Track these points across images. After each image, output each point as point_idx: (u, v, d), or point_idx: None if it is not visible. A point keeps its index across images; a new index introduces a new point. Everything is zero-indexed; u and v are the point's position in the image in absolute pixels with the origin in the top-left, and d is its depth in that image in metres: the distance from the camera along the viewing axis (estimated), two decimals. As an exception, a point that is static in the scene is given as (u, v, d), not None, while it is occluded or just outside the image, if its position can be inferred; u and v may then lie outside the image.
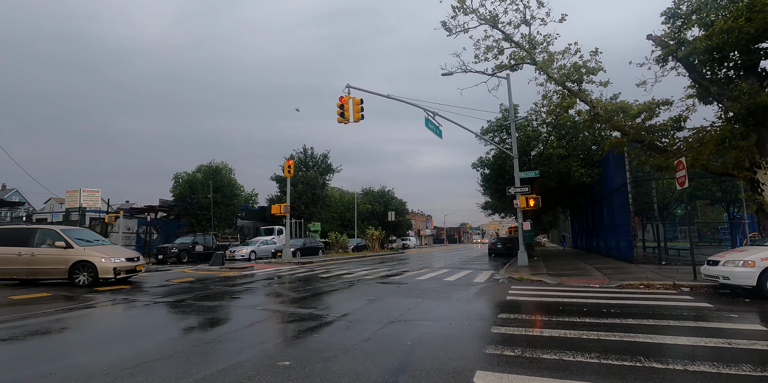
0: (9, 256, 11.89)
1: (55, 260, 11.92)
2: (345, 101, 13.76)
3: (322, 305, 8.51)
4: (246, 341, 5.60)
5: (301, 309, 8.10)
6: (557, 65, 14.74)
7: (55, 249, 11.94)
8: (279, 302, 8.97)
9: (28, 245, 11.99)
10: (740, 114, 10.34)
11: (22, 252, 11.87)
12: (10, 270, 11.91)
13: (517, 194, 17.27)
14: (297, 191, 43.87)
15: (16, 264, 11.86)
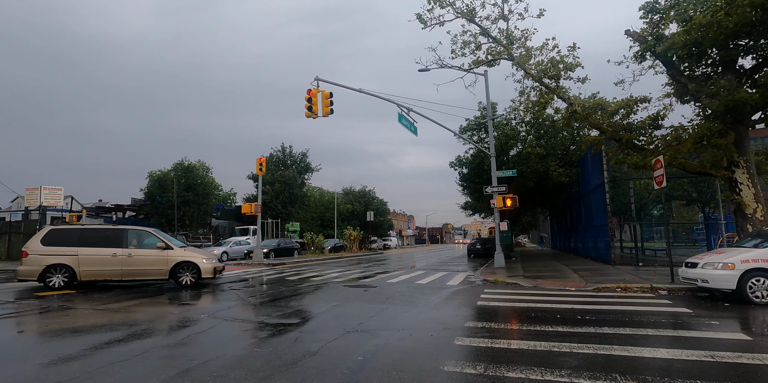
0: (103, 257, 11.36)
1: (155, 260, 11.65)
2: (313, 95, 13.03)
3: (278, 312, 7.81)
4: (173, 358, 4.87)
5: (253, 317, 7.39)
6: (535, 61, 14.33)
7: (154, 250, 11.72)
8: (232, 309, 8.23)
9: (121, 246, 11.58)
10: (718, 111, 10.03)
11: (117, 253, 11.45)
12: (105, 272, 11.39)
13: (494, 193, 16.81)
14: (274, 190, 42.84)
15: (112, 265, 11.38)
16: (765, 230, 9.41)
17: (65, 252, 11.17)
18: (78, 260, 11.16)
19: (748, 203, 10.33)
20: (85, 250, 11.27)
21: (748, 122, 10.79)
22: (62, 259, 11.08)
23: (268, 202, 42.61)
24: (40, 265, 10.95)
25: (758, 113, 10.86)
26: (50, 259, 11.03)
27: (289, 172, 45.73)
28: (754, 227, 10.15)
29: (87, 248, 11.33)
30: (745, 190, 10.44)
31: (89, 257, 11.25)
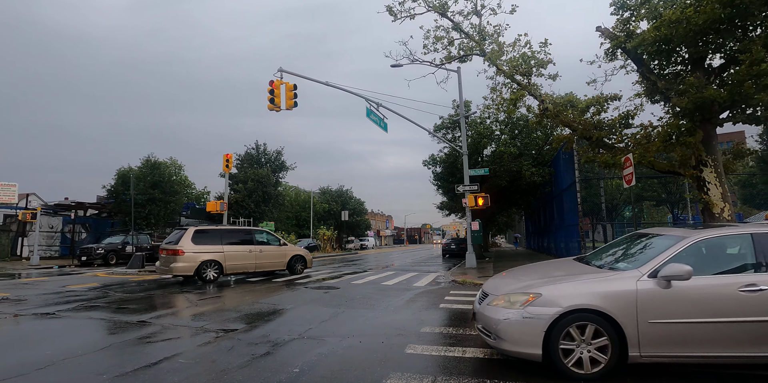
0: (242, 253, 13.21)
1: (278, 255, 14.10)
2: (276, 87, 12.36)
3: (221, 317, 7.18)
4: (65, 377, 4.23)
5: (191, 322, 6.74)
6: (507, 58, 14.03)
7: (275, 246, 14.12)
8: (172, 313, 7.55)
9: (252, 244, 13.56)
10: (687, 108, 9.84)
11: (251, 250, 13.39)
12: (244, 265, 13.22)
13: (466, 192, 16.48)
14: (247, 188, 41.73)
15: (249, 260, 13.32)
16: (732, 230, 9.28)
17: (214, 250, 12.71)
18: (224, 256, 12.79)
19: (715, 203, 10.19)
20: (228, 247, 12.95)
21: (716, 121, 10.67)
22: (213, 255, 12.61)
23: (241, 201, 41.46)
24: (196, 261, 12.26)
25: (726, 111, 10.77)
26: (203, 256, 12.45)
27: (262, 170, 44.64)
28: (722, 227, 10.03)
29: (229, 246, 13.01)
30: (712, 189, 10.30)
31: (232, 253, 12.95)
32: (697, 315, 3.86)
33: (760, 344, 3.80)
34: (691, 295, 3.91)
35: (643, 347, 3.88)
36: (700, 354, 3.87)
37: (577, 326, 3.97)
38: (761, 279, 3.90)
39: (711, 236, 4.31)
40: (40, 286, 11.83)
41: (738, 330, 3.81)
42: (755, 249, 4.09)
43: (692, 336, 3.86)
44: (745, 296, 3.84)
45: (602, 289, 4.05)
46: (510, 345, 4.11)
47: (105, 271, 16.96)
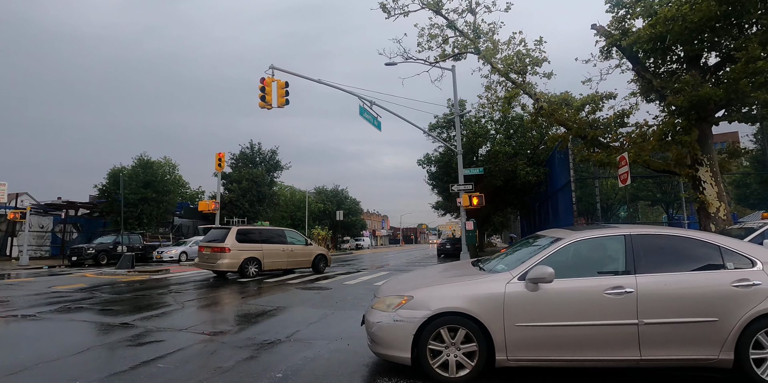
0: (278, 251, 14.25)
1: (306, 253, 15.11)
2: (267, 84, 12.15)
3: (207, 319, 6.99)
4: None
5: (176, 324, 6.55)
6: (501, 56, 13.90)
7: (303, 245, 15.17)
8: (157, 315, 7.35)
9: (285, 243, 14.62)
10: (683, 107, 9.74)
11: (284, 249, 14.45)
12: (279, 263, 14.26)
13: (461, 191, 16.34)
14: (241, 188, 41.47)
15: (283, 257, 14.40)
16: (728, 230, 9.17)
17: (255, 248, 13.68)
18: (263, 254, 13.80)
19: (711, 202, 10.10)
20: (266, 246, 13.96)
21: (711, 120, 10.58)
22: (253, 253, 13.57)
23: (235, 200, 41.18)
24: (239, 258, 13.17)
25: (722, 110, 10.69)
26: (245, 253, 13.37)
27: (257, 170, 44.40)
28: (717, 227, 9.92)
29: (266, 244, 14.03)
30: (708, 188, 10.21)
31: (269, 251, 13.97)
32: (564, 318, 3.77)
33: (625, 347, 3.71)
34: (558, 298, 3.82)
35: (510, 351, 3.80)
36: (567, 358, 3.78)
37: (448, 329, 3.89)
38: (628, 282, 3.80)
39: (586, 238, 4.24)
40: (26, 287, 11.58)
41: (603, 333, 3.72)
42: (626, 251, 3.99)
43: (559, 340, 3.77)
44: (610, 298, 3.75)
45: (472, 292, 3.97)
46: (382, 348, 4.05)
47: (94, 271, 16.69)
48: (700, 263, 3.90)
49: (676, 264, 3.92)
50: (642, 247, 3.99)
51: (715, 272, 3.80)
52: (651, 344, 3.68)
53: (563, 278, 3.90)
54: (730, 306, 3.62)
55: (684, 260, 3.94)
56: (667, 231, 4.27)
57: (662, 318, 3.68)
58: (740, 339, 3.59)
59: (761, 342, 3.61)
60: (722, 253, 3.89)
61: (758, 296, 3.62)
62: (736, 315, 3.59)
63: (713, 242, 3.99)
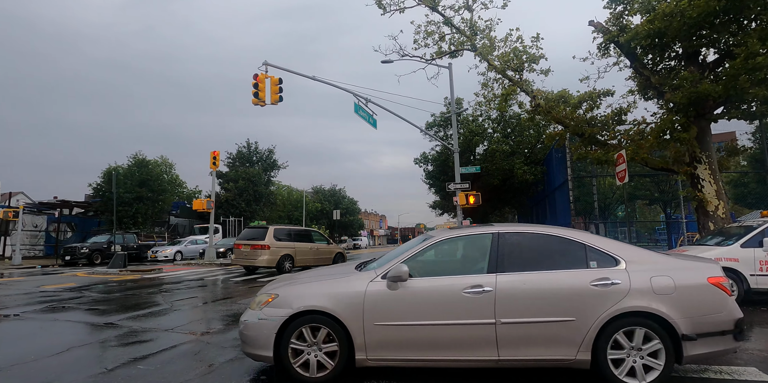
0: (307, 249, 15.29)
1: (328, 251, 16.11)
2: (261, 80, 11.95)
3: (197, 318, 6.82)
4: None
5: (162, 324, 6.37)
6: (498, 53, 13.76)
7: (326, 245, 16.28)
8: (143, 315, 7.17)
9: (312, 241, 15.77)
10: (681, 103, 9.61)
11: (311, 247, 15.51)
12: (307, 259, 15.12)
13: (457, 190, 16.20)
14: (237, 187, 41.25)
15: (310, 255, 15.35)
16: (727, 228, 9.05)
17: (289, 246, 14.67)
18: (296, 251, 14.78)
19: (709, 200, 9.98)
20: (298, 244, 14.98)
21: (710, 117, 10.46)
22: (288, 250, 14.56)
23: (231, 200, 40.97)
24: (277, 255, 14.12)
25: (720, 107, 10.57)
26: (282, 251, 14.35)
27: (253, 169, 44.19)
28: (716, 225, 9.80)
29: (298, 242, 15.05)
30: (707, 186, 10.09)
31: (301, 249, 14.99)
32: (422, 318, 3.67)
33: (483, 347, 3.60)
34: (417, 297, 3.74)
35: (370, 350, 3.71)
36: (426, 358, 3.68)
37: (311, 328, 3.81)
38: (488, 281, 3.69)
39: (453, 236, 4.18)
40: (14, 286, 11.39)
41: (462, 332, 3.62)
42: (491, 250, 3.89)
43: (418, 339, 3.68)
44: (469, 297, 3.64)
45: (335, 290, 3.92)
46: (248, 346, 3.96)
47: (86, 271, 16.48)
48: (565, 262, 3.81)
49: (540, 263, 3.84)
50: (508, 246, 3.90)
51: (575, 271, 3.70)
52: (508, 344, 3.58)
53: (428, 276, 3.85)
54: (587, 306, 3.52)
55: (549, 259, 3.87)
56: (536, 230, 4.14)
57: (519, 317, 3.58)
58: (598, 339, 3.49)
59: (620, 342, 3.50)
60: (587, 252, 3.79)
61: (616, 295, 3.52)
62: (593, 315, 3.49)
63: (579, 241, 3.88)
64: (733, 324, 3.53)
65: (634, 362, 3.47)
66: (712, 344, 3.50)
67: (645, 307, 3.48)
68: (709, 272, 3.65)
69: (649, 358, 3.48)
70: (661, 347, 3.45)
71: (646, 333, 3.48)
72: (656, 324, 3.47)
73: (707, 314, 3.51)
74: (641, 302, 3.49)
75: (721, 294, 3.57)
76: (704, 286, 3.57)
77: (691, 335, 3.43)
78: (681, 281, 3.56)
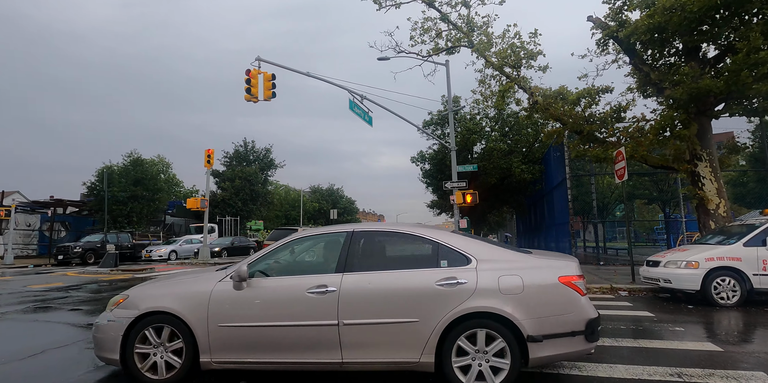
0: None
1: None
2: (253, 76, 11.71)
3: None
4: None
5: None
6: (496, 50, 13.55)
7: None
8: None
9: None
10: (682, 99, 9.41)
11: None
12: None
13: (454, 189, 15.98)
14: (234, 186, 40.99)
15: None
16: (728, 227, 8.86)
17: None
18: None
19: (710, 198, 9.79)
20: None
21: (711, 113, 10.28)
22: None
23: (228, 199, 40.70)
24: None
25: (721, 104, 10.38)
26: None
27: (250, 168, 43.89)
28: (717, 224, 9.62)
29: None
30: (708, 184, 9.90)
31: None
32: (266, 319, 3.54)
33: (327, 349, 3.44)
34: (262, 297, 3.61)
35: (214, 352, 3.59)
36: (271, 360, 3.54)
37: (156, 329, 3.69)
38: (333, 280, 3.53)
39: (308, 235, 4.09)
40: (0, 286, 11.13)
41: (305, 334, 3.48)
42: (343, 248, 3.75)
43: (261, 341, 3.55)
44: (312, 298, 3.51)
45: (182, 291, 3.82)
46: (98, 350, 3.84)
47: (77, 270, 16.23)
48: (416, 261, 3.70)
49: (391, 262, 3.74)
50: (361, 244, 3.76)
51: (422, 270, 3.54)
52: (352, 346, 3.43)
53: (281, 276, 3.77)
54: (432, 307, 3.37)
55: (401, 258, 3.76)
56: (392, 228, 3.98)
57: (362, 318, 3.42)
58: (442, 341, 3.33)
59: (465, 344, 3.33)
60: (440, 250, 3.64)
61: (461, 295, 3.36)
62: (437, 316, 3.34)
63: (433, 239, 3.72)
64: (584, 324, 3.35)
65: (480, 365, 3.30)
66: (560, 345, 3.32)
67: (489, 307, 3.31)
68: (562, 271, 3.48)
69: (495, 359, 3.30)
70: (507, 349, 3.28)
71: (490, 334, 3.31)
72: (501, 325, 3.30)
73: (556, 314, 3.33)
74: (486, 302, 3.32)
75: (571, 294, 3.40)
76: (554, 285, 3.40)
77: (536, 336, 3.25)
78: (530, 281, 3.39)
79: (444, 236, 3.75)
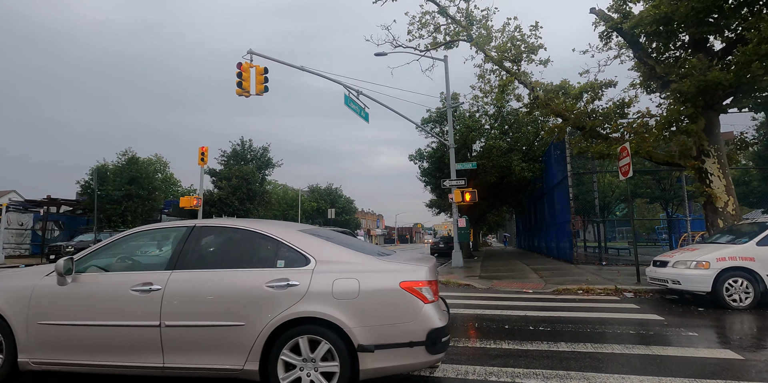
0: None
1: None
2: (245, 69, 11.30)
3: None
4: None
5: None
6: (495, 43, 13.18)
7: None
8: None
9: None
10: (689, 93, 9.02)
11: None
12: None
13: (453, 187, 15.60)
14: (231, 185, 40.61)
15: None
16: (738, 226, 8.49)
17: None
18: None
19: (719, 196, 9.41)
20: None
21: (719, 108, 9.90)
22: None
23: (224, 198, 40.32)
24: None
25: (730, 98, 10.00)
26: None
27: (247, 167, 43.49)
28: (726, 222, 9.25)
29: None
30: (715, 181, 9.52)
31: None
32: (89, 317, 3.31)
33: (148, 352, 3.20)
34: (85, 294, 3.39)
35: (33, 352, 3.36)
36: (90, 362, 3.29)
37: None
38: (160, 278, 3.30)
39: (147, 229, 3.84)
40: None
41: (126, 335, 3.25)
42: (179, 243, 3.52)
43: (82, 341, 3.31)
44: (135, 296, 3.29)
45: (6, 284, 3.62)
46: None
47: (66, 270, 15.80)
48: (254, 260, 3.44)
49: (227, 260, 3.51)
50: (199, 241, 3.55)
51: (254, 270, 3.29)
52: (174, 350, 3.18)
53: (117, 271, 3.54)
54: (259, 310, 3.11)
55: (238, 256, 3.50)
56: (234, 224, 3.71)
57: (186, 320, 3.18)
58: (268, 350, 3.08)
59: (287, 361, 3.07)
60: (280, 249, 3.39)
61: (291, 298, 3.11)
62: (263, 320, 3.08)
63: (274, 237, 3.46)
64: (425, 334, 3.04)
65: (308, 375, 3.05)
66: (396, 357, 3.03)
67: (319, 313, 3.04)
68: (406, 276, 3.17)
69: (325, 366, 3.04)
70: (336, 358, 3.01)
71: (319, 341, 3.05)
72: (332, 332, 3.04)
73: (392, 323, 3.05)
74: (316, 307, 3.06)
75: (412, 301, 3.09)
76: (393, 291, 3.11)
77: (367, 345, 2.98)
78: (367, 285, 3.11)
79: (287, 234, 3.48)
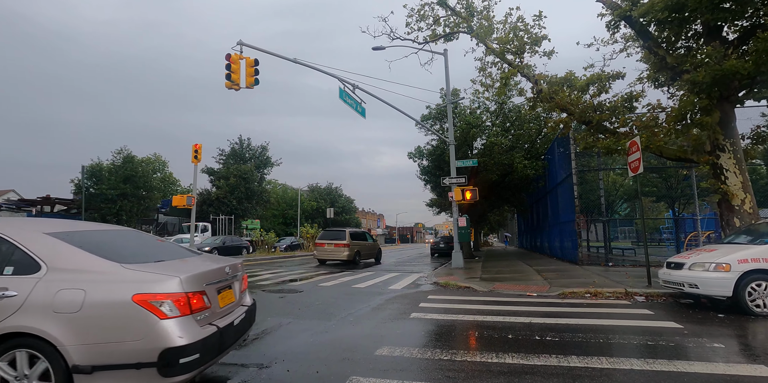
0: (365, 246, 19.05)
1: (374, 247, 20.13)
2: (234, 61, 10.75)
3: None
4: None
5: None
6: (497, 35, 12.62)
7: (372, 243, 20.00)
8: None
9: (366, 240, 19.41)
10: (705, 83, 8.45)
11: (366, 244, 19.21)
12: (365, 254, 19.06)
13: (453, 185, 15.05)
14: (229, 184, 40.12)
15: (366, 250, 19.15)
16: (756, 225, 7.92)
17: (358, 244, 18.22)
18: (361, 248, 18.49)
19: (735, 193, 8.85)
20: (361, 242, 18.68)
21: (734, 99, 9.33)
22: (358, 247, 18.22)
23: (222, 197, 39.82)
24: (354, 251, 17.57)
25: (746, 89, 9.42)
26: (356, 248, 17.80)
27: (246, 166, 42.99)
28: (743, 221, 8.68)
29: (361, 241, 18.69)
30: (731, 178, 8.95)
31: (363, 246, 18.74)
32: None
33: None
34: None
35: None
36: None
37: None
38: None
39: None
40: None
41: None
42: None
43: None
44: None
45: None
46: None
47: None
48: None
49: None
50: None
51: None
52: None
53: None
54: None
55: None
56: None
57: None
58: None
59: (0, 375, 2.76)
60: (14, 254, 3.01)
61: (5, 311, 2.78)
62: None
63: (10, 239, 3.07)
64: (158, 355, 2.67)
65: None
66: (120, 379, 2.68)
67: (30, 327, 2.71)
68: (144, 287, 2.82)
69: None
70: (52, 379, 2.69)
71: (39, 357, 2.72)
72: (53, 348, 2.69)
73: (117, 340, 2.71)
74: (30, 321, 2.73)
75: (144, 316, 2.73)
76: (122, 305, 2.76)
77: (83, 366, 2.64)
78: (93, 298, 2.77)
79: (24, 236, 3.09)
